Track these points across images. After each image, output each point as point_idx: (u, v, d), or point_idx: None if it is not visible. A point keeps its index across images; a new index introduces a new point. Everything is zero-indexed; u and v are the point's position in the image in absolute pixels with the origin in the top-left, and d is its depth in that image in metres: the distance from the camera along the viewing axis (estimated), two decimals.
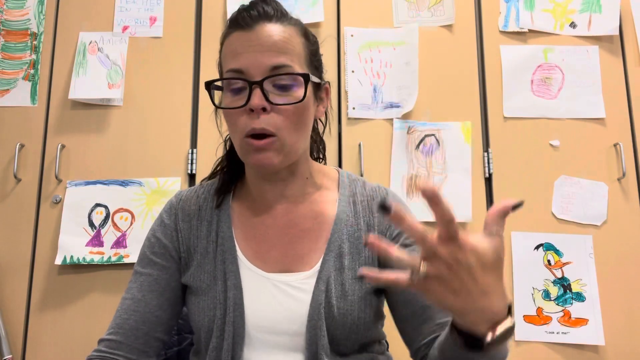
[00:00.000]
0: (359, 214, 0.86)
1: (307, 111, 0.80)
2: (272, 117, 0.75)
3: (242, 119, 0.76)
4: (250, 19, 0.78)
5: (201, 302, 0.82)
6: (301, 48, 0.80)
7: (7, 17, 1.75)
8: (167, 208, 0.91)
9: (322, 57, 0.87)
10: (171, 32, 1.74)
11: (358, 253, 0.83)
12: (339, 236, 0.83)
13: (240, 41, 0.77)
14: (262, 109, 0.75)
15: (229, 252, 0.83)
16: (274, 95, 0.76)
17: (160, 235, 0.88)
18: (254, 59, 0.76)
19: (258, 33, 0.77)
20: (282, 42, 0.77)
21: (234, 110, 0.77)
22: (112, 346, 0.82)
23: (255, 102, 0.74)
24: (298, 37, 0.80)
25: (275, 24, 0.78)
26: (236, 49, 0.78)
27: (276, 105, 0.75)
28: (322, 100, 0.86)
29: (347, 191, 0.88)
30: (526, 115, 1.68)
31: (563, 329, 1.54)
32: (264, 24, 0.77)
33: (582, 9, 1.74)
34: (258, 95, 0.74)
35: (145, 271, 0.86)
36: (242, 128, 0.76)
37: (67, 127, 1.68)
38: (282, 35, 0.77)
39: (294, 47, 0.78)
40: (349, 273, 0.81)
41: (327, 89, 0.87)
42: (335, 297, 0.79)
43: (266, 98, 0.75)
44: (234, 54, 0.78)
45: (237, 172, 0.91)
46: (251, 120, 0.75)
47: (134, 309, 0.83)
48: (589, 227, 1.61)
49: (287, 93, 0.76)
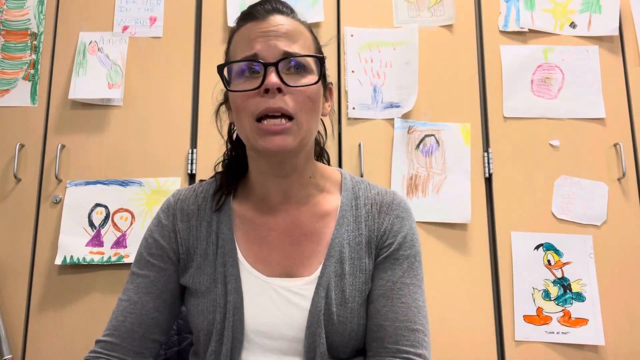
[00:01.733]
0: (360, 219, 0.84)
1: (319, 100, 0.80)
2: (287, 99, 0.75)
3: (255, 101, 0.75)
4: (264, 10, 0.80)
5: (200, 304, 0.82)
6: (310, 42, 0.82)
7: (7, 17, 1.75)
8: (165, 208, 0.89)
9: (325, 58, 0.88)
10: (171, 32, 1.74)
11: (359, 258, 0.82)
12: (340, 241, 0.82)
13: (254, 29, 0.78)
14: (277, 89, 0.74)
15: (229, 255, 0.82)
16: (289, 77, 0.76)
17: (157, 236, 0.86)
18: (268, 43, 0.76)
19: (271, 22, 0.78)
20: (295, 32, 0.79)
21: (247, 93, 0.76)
22: (108, 348, 0.81)
23: (272, 80, 0.73)
24: (307, 33, 0.83)
25: (287, 17, 0.80)
26: (250, 36, 0.78)
27: (292, 87, 0.75)
28: (327, 100, 0.87)
29: (349, 195, 0.87)
30: (526, 115, 1.68)
31: (563, 329, 1.55)
32: (276, 15, 0.80)
33: (582, 9, 1.74)
34: (274, 74, 0.74)
35: (142, 273, 0.85)
36: (254, 110, 0.75)
37: (67, 127, 1.68)
38: (295, 27, 0.80)
39: (304, 39, 0.80)
40: (349, 279, 0.80)
41: (331, 89, 0.88)
42: (335, 304, 0.79)
43: (282, 80, 0.74)
44: (248, 40, 0.78)
45: (239, 172, 0.90)
46: (266, 101, 0.74)
47: (130, 311, 0.83)
48: (589, 227, 1.61)
49: (301, 77, 0.77)
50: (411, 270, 0.82)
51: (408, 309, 0.79)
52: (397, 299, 0.80)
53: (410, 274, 0.82)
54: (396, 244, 0.83)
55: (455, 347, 1.54)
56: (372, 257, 0.83)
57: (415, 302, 0.80)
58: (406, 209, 0.87)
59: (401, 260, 0.82)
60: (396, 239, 0.83)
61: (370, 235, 0.83)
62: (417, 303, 0.80)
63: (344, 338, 0.79)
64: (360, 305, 0.80)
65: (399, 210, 0.86)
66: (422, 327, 0.79)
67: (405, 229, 0.84)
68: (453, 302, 1.57)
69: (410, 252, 0.83)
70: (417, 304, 0.80)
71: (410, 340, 0.77)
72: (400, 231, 0.84)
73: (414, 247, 0.84)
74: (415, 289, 0.81)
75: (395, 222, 0.84)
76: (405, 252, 0.83)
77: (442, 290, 1.57)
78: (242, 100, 0.76)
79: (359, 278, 0.81)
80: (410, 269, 0.82)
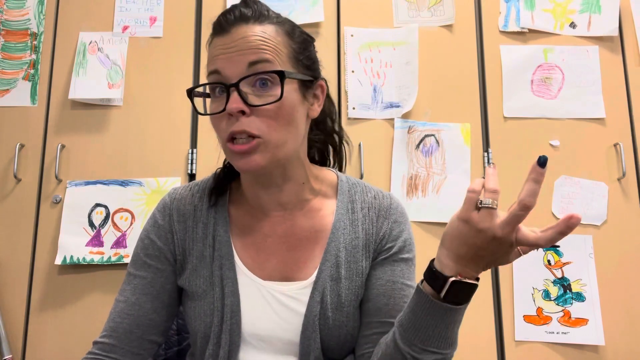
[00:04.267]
0: (357, 222, 0.84)
1: (292, 110, 0.76)
2: (253, 120, 0.72)
3: (223, 124, 0.74)
4: (227, 23, 0.76)
5: (197, 307, 0.81)
6: (282, 47, 0.76)
7: (7, 17, 1.75)
8: (161, 208, 0.88)
9: (316, 53, 0.84)
10: (171, 32, 1.74)
11: (355, 262, 0.82)
12: (336, 245, 0.82)
13: (218, 45, 0.76)
14: (241, 112, 0.72)
15: (226, 258, 0.82)
16: (253, 96, 0.73)
17: (154, 236, 0.86)
18: (229, 59, 0.74)
19: (233, 35, 0.75)
20: (259, 41, 0.74)
21: (216, 116, 0.75)
22: (105, 349, 0.81)
23: (232, 106, 0.72)
24: (279, 36, 0.77)
25: (253, 25, 0.75)
26: (213, 53, 0.77)
27: (255, 107, 0.72)
28: (317, 99, 0.83)
29: (345, 198, 0.86)
30: (526, 115, 1.68)
31: (563, 329, 1.54)
32: (240, 26, 0.75)
33: (582, 9, 1.74)
34: (235, 98, 0.72)
35: (139, 274, 0.84)
36: (223, 133, 0.74)
37: (67, 127, 1.68)
38: (259, 35, 0.75)
39: (273, 45, 0.75)
40: (345, 283, 0.80)
41: (323, 86, 0.84)
42: (330, 308, 0.79)
43: (244, 100, 0.72)
44: (212, 58, 0.76)
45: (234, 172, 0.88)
46: (231, 125, 0.73)
47: (128, 313, 0.82)
48: (589, 227, 1.61)
49: (267, 92, 0.73)
50: (410, 272, 0.84)
51: None
52: (400, 298, 0.80)
53: (409, 276, 0.83)
54: (396, 248, 0.83)
55: None
56: (369, 260, 0.83)
57: None
58: (403, 213, 0.87)
59: (401, 263, 0.83)
60: (396, 243, 0.83)
61: (367, 239, 0.83)
62: None
63: (340, 341, 0.79)
64: (355, 309, 0.81)
65: (396, 215, 0.86)
66: None
67: (404, 233, 0.85)
68: None
69: (409, 256, 0.84)
70: None
71: None
72: (400, 236, 0.84)
73: (412, 252, 0.85)
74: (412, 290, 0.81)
75: (394, 226, 0.84)
76: (404, 256, 0.83)
77: None
78: (214, 122, 0.77)
79: (355, 282, 0.81)
80: (409, 271, 0.84)
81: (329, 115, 0.94)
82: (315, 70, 0.83)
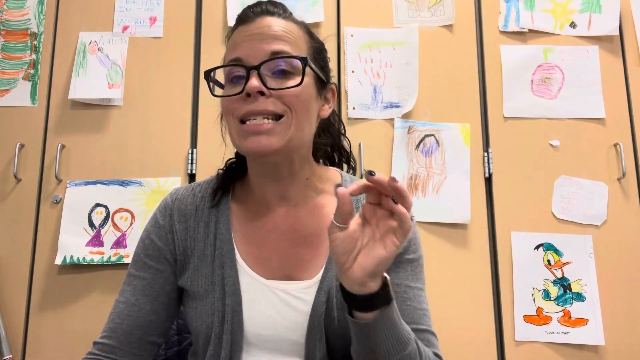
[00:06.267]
0: None
1: (309, 101, 0.77)
2: (271, 102, 0.73)
3: (239, 105, 0.74)
4: (253, 13, 0.78)
5: (199, 307, 0.81)
6: (303, 42, 0.79)
7: (7, 17, 1.75)
8: (162, 208, 0.87)
9: (329, 60, 0.86)
10: (171, 32, 1.74)
11: None
12: None
13: (242, 33, 0.77)
14: (259, 92, 0.73)
15: (227, 256, 0.81)
16: (272, 81, 0.74)
17: (154, 237, 0.85)
18: (252, 46, 0.75)
19: (258, 24, 0.77)
20: (282, 32, 0.76)
21: (232, 98, 0.75)
22: (105, 350, 0.81)
23: (253, 84, 0.72)
24: (300, 32, 0.79)
25: (277, 18, 0.78)
26: (236, 40, 0.78)
27: (274, 90, 0.73)
28: (328, 101, 0.85)
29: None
30: (526, 115, 1.68)
31: (563, 329, 1.54)
32: (265, 17, 0.78)
33: (582, 9, 1.74)
34: (255, 78, 0.73)
35: (139, 274, 0.84)
36: (237, 112, 0.75)
37: (67, 127, 1.68)
38: (283, 27, 0.77)
39: (294, 38, 0.77)
40: None
41: (334, 90, 0.86)
42: (336, 308, 0.78)
43: (264, 83, 0.73)
44: (234, 45, 0.78)
45: (238, 172, 0.89)
46: (248, 104, 0.73)
47: (128, 314, 0.82)
48: (589, 227, 1.61)
49: (286, 80, 0.74)
50: (415, 273, 0.82)
51: (414, 312, 0.79)
52: (402, 301, 0.79)
53: (414, 277, 0.82)
54: (401, 248, 0.82)
55: (456, 347, 1.54)
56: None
57: (420, 305, 0.80)
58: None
59: (405, 264, 0.82)
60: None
61: None
62: (422, 305, 0.80)
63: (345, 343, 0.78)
64: None
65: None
66: (430, 328, 0.79)
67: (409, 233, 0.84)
68: (453, 302, 1.57)
69: (414, 256, 0.83)
70: (422, 306, 0.80)
71: (422, 340, 0.76)
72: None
73: (417, 252, 0.84)
74: (419, 292, 0.81)
75: None
76: (409, 256, 0.83)
77: (442, 290, 1.57)
78: (228, 104, 0.76)
79: None
80: (414, 272, 0.83)
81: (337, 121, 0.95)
82: (328, 74, 0.85)
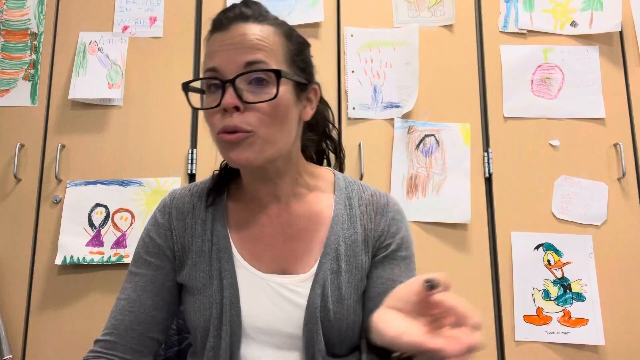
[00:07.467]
0: (355, 218, 0.85)
1: (287, 110, 0.77)
2: (246, 116, 0.74)
3: (217, 118, 0.76)
4: (227, 20, 0.78)
5: (197, 301, 0.82)
6: (279, 47, 0.78)
7: (7, 17, 1.75)
8: (161, 207, 0.90)
9: (312, 58, 0.86)
10: (171, 32, 1.74)
11: (354, 256, 0.83)
12: (336, 239, 0.83)
13: (216, 41, 0.78)
14: (235, 107, 0.74)
15: (224, 251, 0.83)
16: (248, 93, 0.75)
17: (154, 234, 0.87)
18: (227, 56, 0.75)
19: (232, 32, 0.76)
20: (257, 40, 0.76)
21: (210, 110, 0.76)
22: (107, 346, 0.82)
23: (227, 101, 0.73)
24: (276, 37, 0.78)
25: (252, 24, 0.77)
26: (212, 49, 0.78)
27: (249, 103, 0.74)
28: (310, 102, 0.84)
29: (342, 194, 0.87)
30: (526, 115, 1.68)
31: (563, 329, 1.54)
32: (239, 24, 0.77)
33: (584, 7, 1.74)
34: (230, 94, 0.73)
35: (140, 271, 0.86)
36: (216, 127, 0.76)
37: (67, 127, 1.68)
38: (258, 34, 0.76)
39: (270, 45, 0.77)
40: (345, 276, 0.81)
41: (316, 90, 0.85)
42: (331, 301, 0.79)
43: (239, 97, 0.74)
44: (210, 54, 0.78)
45: (233, 172, 0.91)
46: (224, 119, 0.74)
47: (129, 310, 0.83)
48: (589, 227, 1.61)
49: (262, 91, 0.75)
50: (408, 270, 0.85)
51: None
52: None
53: (407, 274, 0.84)
54: (394, 245, 0.84)
55: None
56: (369, 255, 0.84)
57: None
58: (400, 211, 0.89)
59: (399, 261, 0.84)
60: (394, 240, 0.85)
61: (366, 234, 0.84)
62: None
63: (341, 335, 0.80)
64: (355, 302, 0.82)
65: (394, 212, 0.87)
66: None
67: (402, 231, 0.86)
68: None
69: (407, 253, 0.86)
70: None
71: None
72: (398, 233, 0.85)
73: (409, 249, 0.86)
74: None
75: (392, 223, 0.86)
76: (402, 254, 0.85)
77: None
78: (207, 117, 0.78)
79: (355, 275, 0.82)
80: (407, 269, 0.85)
81: (325, 118, 0.96)
82: (310, 74, 0.84)
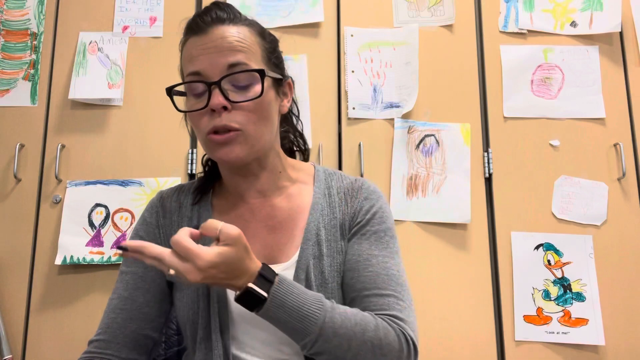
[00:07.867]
0: (334, 204, 0.87)
1: (269, 106, 0.81)
2: (233, 115, 0.77)
3: (205, 120, 0.79)
4: (204, 23, 0.80)
5: (185, 296, 0.84)
6: (256, 47, 0.82)
7: (7, 17, 1.75)
8: (149, 207, 0.93)
9: (282, 54, 0.90)
10: (171, 32, 1.74)
11: (335, 240, 0.85)
12: (316, 225, 0.85)
13: (196, 45, 0.80)
14: (223, 107, 0.77)
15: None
16: (234, 93, 0.78)
17: (143, 233, 0.89)
18: (210, 59, 0.78)
19: (212, 36, 0.79)
20: (236, 42, 0.79)
21: (197, 112, 0.79)
22: (101, 346, 0.83)
23: (215, 101, 0.76)
24: (252, 37, 0.82)
25: (228, 25, 0.80)
26: (192, 53, 0.80)
27: (236, 103, 0.77)
28: (286, 95, 0.89)
29: (322, 184, 0.90)
30: (526, 115, 1.68)
31: (563, 329, 1.54)
32: (217, 27, 0.80)
33: (584, 7, 1.74)
34: (217, 94, 0.76)
35: (130, 270, 0.87)
36: (204, 128, 0.79)
37: (67, 127, 1.68)
38: (236, 36, 0.80)
39: (248, 46, 0.80)
40: (327, 260, 0.83)
41: (290, 84, 0.90)
42: (315, 285, 0.81)
43: (225, 97, 0.77)
44: (191, 58, 0.80)
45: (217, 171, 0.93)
46: (213, 120, 0.77)
47: (121, 307, 0.84)
48: (589, 227, 1.61)
49: (246, 90, 0.78)
50: (380, 243, 0.85)
51: (376, 277, 0.81)
52: (364, 269, 0.82)
53: (378, 246, 0.84)
54: (364, 221, 0.86)
55: (455, 347, 1.54)
56: (346, 239, 0.85)
57: (386, 271, 0.81)
58: (374, 191, 0.90)
59: (368, 235, 0.85)
60: (365, 216, 0.86)
61: (343, 219, 0.86)
62: (388, 271, 0.82)
63: None
64: (339, 286, 0.83)
65: (367, 192, 0.89)
66: (395, 292, 0.80)
67: (374, 207, 0.87)
68: (453, 302, 1.57)
69: (379, 227, 0.86)
70: (387, 272, 0.82)
71: (378, 305, 0.78)
72: (370, 210, 0.87)
73: (383, 224, 0.86)
74: (385, 259, 0.83)
75: (365, 203, 0.87)
76: (372, 228, 0.85)
77: (442, 290, 1.57)
78: (195, 119, 0.80)
79: (336, 259, 0.83)
80: (379, 242, 0.85)
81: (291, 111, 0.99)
82: (283, 68, 0.89)
